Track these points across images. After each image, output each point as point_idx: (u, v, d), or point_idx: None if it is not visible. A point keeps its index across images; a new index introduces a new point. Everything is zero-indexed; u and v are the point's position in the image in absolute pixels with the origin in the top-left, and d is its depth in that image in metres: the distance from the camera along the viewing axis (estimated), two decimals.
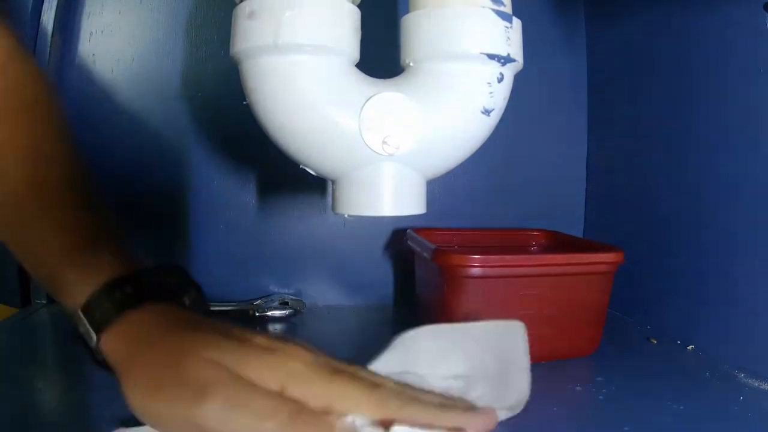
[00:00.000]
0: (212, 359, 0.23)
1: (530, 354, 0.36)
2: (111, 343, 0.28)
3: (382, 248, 0.63)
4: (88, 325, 0.28)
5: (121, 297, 0.28)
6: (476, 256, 0.42)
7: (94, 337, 0.28)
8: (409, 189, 0.25)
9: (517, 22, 0.25)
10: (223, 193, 0.61)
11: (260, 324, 0.55)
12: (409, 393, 0.25)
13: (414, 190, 0.26)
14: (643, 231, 0.57)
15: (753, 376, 0.42)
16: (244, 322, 0.55)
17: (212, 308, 0.55)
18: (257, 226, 0.61)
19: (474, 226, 0.64)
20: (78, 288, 0.29)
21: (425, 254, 0.46)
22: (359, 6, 0.26)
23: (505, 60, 0.25)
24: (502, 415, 0.29)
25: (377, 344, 0.34)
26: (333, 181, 0.26)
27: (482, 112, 0.25)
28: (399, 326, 0.35)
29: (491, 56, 0.24)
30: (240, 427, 0.22)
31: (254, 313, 0.56)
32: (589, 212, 0.69)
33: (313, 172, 0.26)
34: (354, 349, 0.47)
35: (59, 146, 0.35)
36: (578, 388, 0.41)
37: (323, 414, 0.23)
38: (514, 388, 0.32)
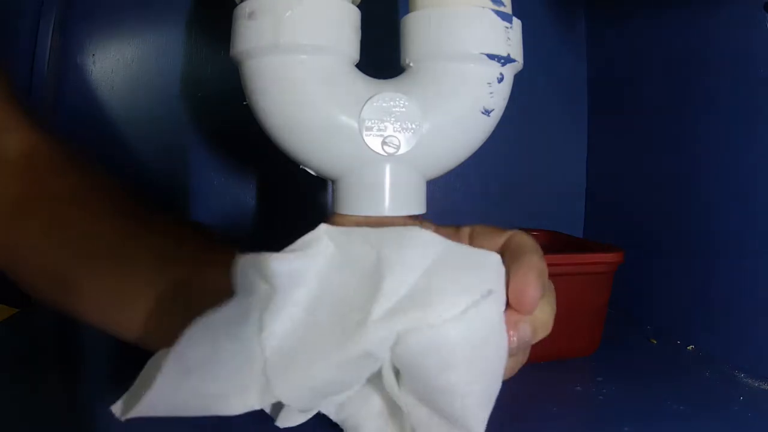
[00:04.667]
0: None
1: (531, 354, 0.35)
2: None
3: None
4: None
5: None
6: None
7: None
8: (409, 189, 0.25)
9: (517, 22, 0.25)
10: (223, 193, 0.61)
11: None
12: None
13: (414, 190, 0.26)
14: (643, 231, 0.57)
15: (753, 376, 0.42)
16: None
17: None
18: (257, 226, 0.61)
19: None
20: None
21: None
22: (359, 6, 0.26)
23: (505, 60, 0.25)
24: None
25: None
26: (333, 181, 0.26)
27: (482, 113, 0.25)
28: None
29: (491, 56, 0.24)
30: None
31: None
32: (589, 212, 0.69)
33: (313, 172, 0.26)
34: None
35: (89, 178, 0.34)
36: (578, 388, 0.41)
37: None
38: None
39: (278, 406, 0.24)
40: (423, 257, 0.21)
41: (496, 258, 0.23)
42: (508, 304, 0.23)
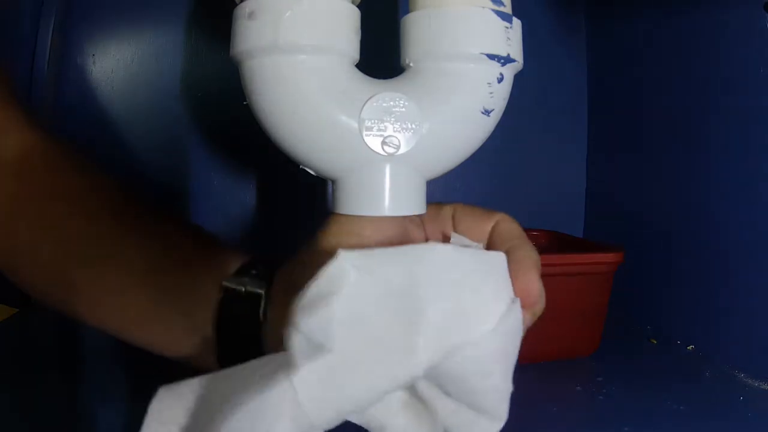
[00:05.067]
0: None
1: (531, 354, 0.35)
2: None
3: None
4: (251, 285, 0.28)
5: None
6: None
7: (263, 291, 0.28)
8: (409, 189, 0.25)
9: (517, 22, 0.25)
10: (223, 193, 0.61)
11: None
12: None
13: (414, 190, 0.26)
14: (643, 231, 0.57)
15: (753, 376, 0.42)
16: None
17: None
18: (257, 226, 0.61)
19: None
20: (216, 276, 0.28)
21: None
22: (359, 6, 0.26)
23: (505, 60, 0.25)
24: None
25: None
26: (333, 181, 0.26)
27: (482, 113, 0.25)
28: None
29: (491, 56, 0.24)
30: None
31: None
32: (589, 212, 0.69)
33: (313, 172, 0.26)
34: None
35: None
36: (578, 388, 0.41)
37: None
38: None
39: None
40: (451, 274, 0.22)
41: (504, 259, 0.24)
42: None
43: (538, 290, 0.24)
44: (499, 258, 0.24)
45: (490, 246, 0.27)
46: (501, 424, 0.23)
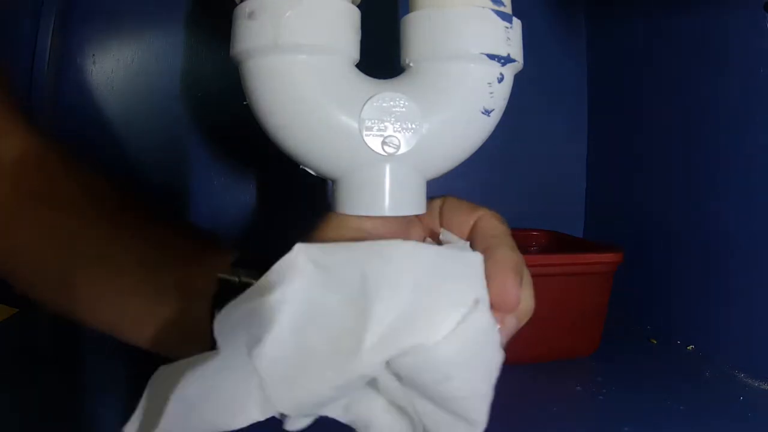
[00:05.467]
0: None
1: (531, 354, 0.35)
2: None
3: None
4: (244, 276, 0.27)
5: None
6: None
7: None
8: (409, 189, 0.25)
9: (517, 22, 0.25)
10: (223, 193, 0.61)
11: None
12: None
13: (414, 190, 0.26)
14: (643, 231, 0.57)
15: (753, 376, 0.42)
16: None
17: None
18: (257, 226, 0.61)
19: None
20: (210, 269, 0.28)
21: None
22: (359, 6, 0.26)
23: (506, 60, 0.25)
24: None
25: None
26: (333, 181, 0.26)
27: (482, 113, 0.25)
28: None
29: (491, 56, 0.24)
30: None
31: None
32: (589, 212, 0.69)
33: (313, 172, 0.26)
34: None
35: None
36: (578, 388, 0.41)
37: None
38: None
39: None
40: (408, 272, 0.21)
41: (478, 259, 0.22)
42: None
43: (515, 294, 0.23)
44: (473, 258, 0.22)
45: (472, 239, 0.26)
46: (479, 429, 0.22)
